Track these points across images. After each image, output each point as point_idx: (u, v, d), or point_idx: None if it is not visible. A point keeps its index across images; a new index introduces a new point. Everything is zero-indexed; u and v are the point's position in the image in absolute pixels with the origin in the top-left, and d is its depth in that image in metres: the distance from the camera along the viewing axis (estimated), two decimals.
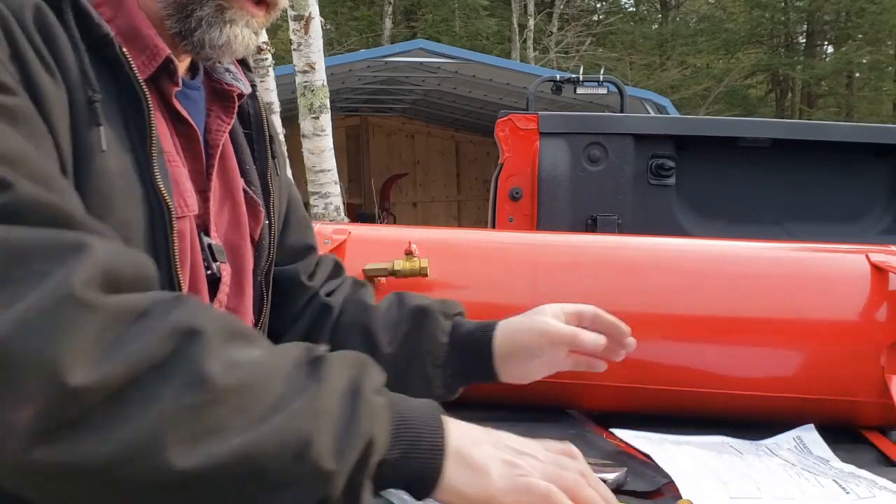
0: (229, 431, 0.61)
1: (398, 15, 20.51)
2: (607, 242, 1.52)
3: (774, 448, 1.17)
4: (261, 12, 0.90)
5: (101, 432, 0.58)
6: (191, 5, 0.85)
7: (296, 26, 5.39)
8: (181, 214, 0.86)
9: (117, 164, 0.78)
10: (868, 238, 2.10)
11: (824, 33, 22.77)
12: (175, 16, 0.86)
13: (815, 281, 1.35)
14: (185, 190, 0.88)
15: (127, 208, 0.78)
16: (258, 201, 1.02)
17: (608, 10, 23.77)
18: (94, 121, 0.76)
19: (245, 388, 0.63)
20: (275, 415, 0.63)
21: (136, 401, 0.59)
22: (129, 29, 0.83)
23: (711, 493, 0.95)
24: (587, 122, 2.22)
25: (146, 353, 0.60)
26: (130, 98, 0.80)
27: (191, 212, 0.89)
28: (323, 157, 5.57)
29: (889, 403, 1.26)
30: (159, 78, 0.86)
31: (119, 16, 0.84)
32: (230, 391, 0.62)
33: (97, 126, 0.76)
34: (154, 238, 0.81)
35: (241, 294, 0.99)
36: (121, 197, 0.78)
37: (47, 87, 0.72)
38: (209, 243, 0.92)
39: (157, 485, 0.59)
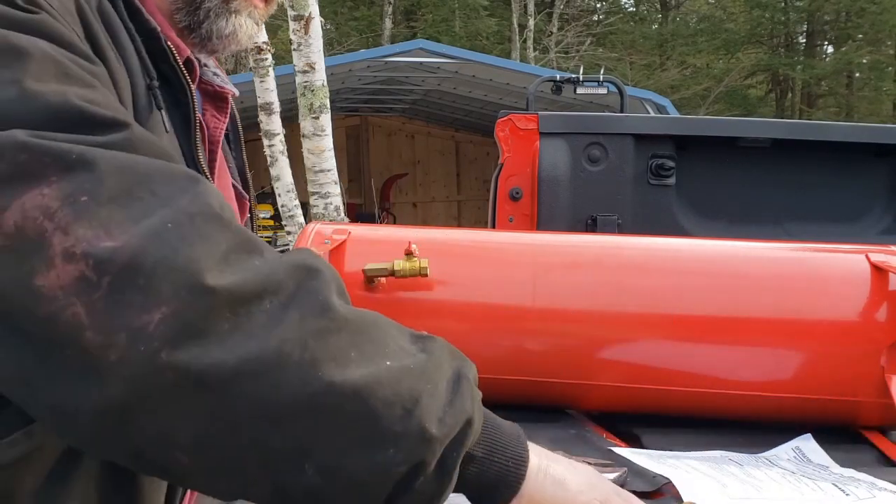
0: (349, 363, 0.61)
1: (398, 15, 20.52)
2: (607, 242, 1.52)
3: (774, 459, 1.17)
4: (262, 4, 0.95)
5: (228, 343, 0.59)
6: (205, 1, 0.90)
7: (296, 26, 5.39)
8: None
9: (174, 147, 0.83)
10: (868, 238, 2.10)
11: (824, 33, 22.77)
12: (184, 9, 0.91)
13: (815, 281, 1.35)
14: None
15: None
16: (244, 195, 1.09)
17: (608, 10, 23.78)
18: (156, 105, 0.80)
19: (364, 329, 0.64)
20: (391, 363, 0.64)
21: (262, 319, 0.60)
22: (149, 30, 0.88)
23: (711, 495, 0.95)
24: (587, 122, 2.21)
25: (274, 276, 0.62)
26: (175, 89, 0.85)
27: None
28: (323, 157, 5.57)
29: (889, 403, 1.26)
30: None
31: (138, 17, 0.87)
32: (351, 325, 0.63)
33: (159, 109, 0.81)
34: None
35: None
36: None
37: (116, 69, 0.75)
38: None
39: (272, 408, 0.59)
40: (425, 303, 1.35)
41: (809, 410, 1.33)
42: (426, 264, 1.31)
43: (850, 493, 0.98)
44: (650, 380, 1.34)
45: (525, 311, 1.34)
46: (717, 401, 1.34)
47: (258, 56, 6.14)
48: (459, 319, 1.36)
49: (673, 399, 1.35)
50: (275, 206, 7.63)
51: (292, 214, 6.42)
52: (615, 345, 1.35)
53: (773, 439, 1.26)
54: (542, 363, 1.35)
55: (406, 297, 1.35)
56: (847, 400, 1.31)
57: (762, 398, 1.32)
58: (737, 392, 1.32)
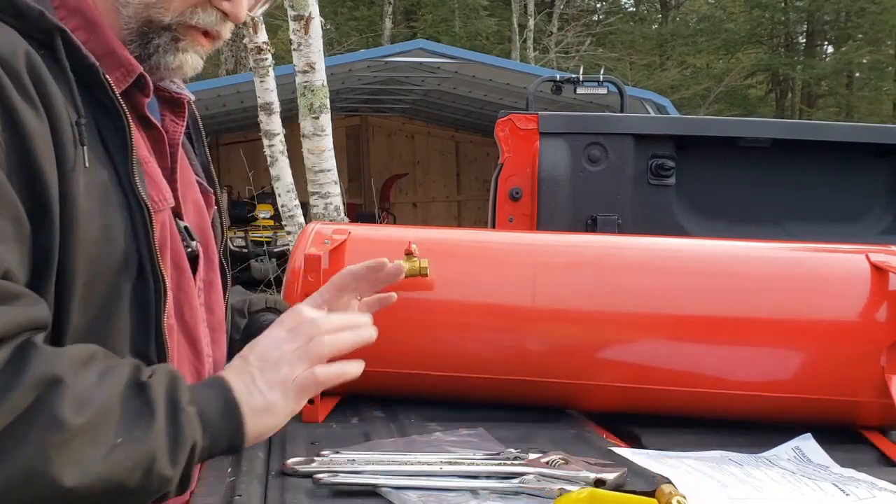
0: (90, 460, 0.77)
1: (398, 15, 20.51)
2: (607, 242, 1.52)
3: (774, 459, 1.17)
4: (208, 42, 1.04)
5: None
6: (150, 34, 0.99)
7: (296, 26, 5.39)
8: (161, 208, 0.99)
9: (100, 177, 0.91)
10: (868, 238, 2.10)
11: (824, 33, 22.76)
12: (136, 42, 1.00)
13: (815, 281, 1.35)
14: (163, 187, 1.02)
15: (111, 214, 0.91)
16: (209, 190, 1.18)
17: (608, 10, 23.77)
18: (81, 141, 0.89)
19: (95, 423, 0.78)
20: (123, 442, 0.79)
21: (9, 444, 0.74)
22: (104, 50, 0.96)
23: (711, 494, 0.95)
24: (587, 122, 2.21)
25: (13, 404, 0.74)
26: (112, 117, 0.93)
27: (169, 204, 1.02)
28: (323, 157, 5.57)
29: (889, 403, 1.26)
30: (132, 91, 0.99)
31: (93, 38, 0.96)
32: (83, 428, 0.77)
33: (81, 146, 0.89)
34: (136, 236, 0.93)
35: (212, 269, 1.15)
36: (101, 204, 0.90)
37: (31, 125, 0.84)
38: (185, 226, 1.06)
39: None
40: (425, 303, 1.35)
41: (809, 410, 1.33)
42: (426, 264, 1.31)
43: (850, 493, 0.98)
44: (650, 380, 1.34)
45: (525, 311, 1.34)
46: (718, 401, 1.34)
47: (258, 56, 6.14)
48: (460, 319, 1.36)
49: (673, 399, 1.35)
50: (275, 206, 7.63)
51: (292, 214, 6.42)
52: (615, 345, 1.35)
53: (773, 439, 1.26)
54: (542, 363, 1.35)
55: (406, 297, 1.35)
56: (847, 400, 1.31)
57: (762, 398, 1.32)
58: (737, 392, 1.32)
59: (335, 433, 1.24)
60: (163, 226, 1.00)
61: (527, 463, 1.01)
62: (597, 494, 0.90)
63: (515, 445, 1.10)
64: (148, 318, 0.95)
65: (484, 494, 0.95)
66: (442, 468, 1.00)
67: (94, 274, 0.89)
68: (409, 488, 0.96)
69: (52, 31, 0.90)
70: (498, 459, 1.03)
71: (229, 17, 1.02)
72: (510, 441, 1.16)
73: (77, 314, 0.89)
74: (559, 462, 1.01)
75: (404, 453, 1.07)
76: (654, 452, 1.17)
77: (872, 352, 1.29)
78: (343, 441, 1.18)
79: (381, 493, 0.95)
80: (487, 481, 0.98)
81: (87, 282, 0.89)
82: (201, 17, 1.00)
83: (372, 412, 1.35)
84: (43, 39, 0.90)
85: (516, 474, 0.99)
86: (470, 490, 0.96)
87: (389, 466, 1.00)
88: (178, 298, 1.03)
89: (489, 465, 1.01)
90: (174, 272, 1.03)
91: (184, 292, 1.05)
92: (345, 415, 1.34)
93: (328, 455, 1.06)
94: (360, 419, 1.32)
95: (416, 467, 1.00)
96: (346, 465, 1.02)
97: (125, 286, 0.93)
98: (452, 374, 1.35)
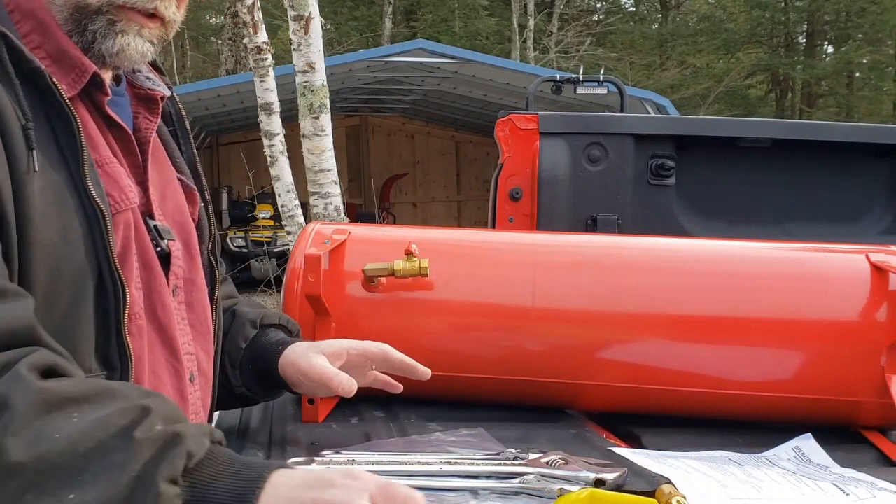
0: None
1: (398, 15, 20.51)
2: (607, 242, 1.52)
3: (774, 459, 1.17)
4: (154, 24, 1.00)
5: None
6: (84, 20, 0.96)
7: (296, 26, 5.39)
8: (122, 209, 0.98)
9: (52, 180, 0.90)
10: (868, 238, 2.10)
11: (824, 33, 22.76)
12: (74, 31, 0.97)
13: (815, 281, 1.35)
14: (125, 186, 1.00)
15: (65, 217, 0.90)
16: (192, 187, 1.16)
17: (608, 10, 23.76)
18: (28, 146, 0.87)
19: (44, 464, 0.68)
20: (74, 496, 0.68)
21: None
22: (57, 51, 0.95)
23: (710, 494, 0.95)
24: (587, 122, 2.21)
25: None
26: (62, 120, 0.92)
27: (132, 204, 1.00)
28: (323, 157, 5.57)
29: (889, 403, 1.26)
30: (90, 91, 0.98)
31: (46, 41, 0.95)
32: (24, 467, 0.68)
33: (30, 150, 0.87)
34: (93, 238, 0.92)
35: (194, 266, 1.13)
36: (58, 208, 0.89)
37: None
38: (154, 225, 1.04)
39: None
40: (425, 303, 1.35)
41: (809, 410, 1.33)
42: (426, 264, 1.31)
43: (851, 493, 0.98)
44: (650, 380, 1.34)
45: (525, 311, 1.34)
46: (718, 401, 1.34)
47: (258, 56, 6.14)
48: (459, 319, 1.36)
49: (673, 399, 1.35)
50: (275, 206, 7.63)
51: (292, 214, 6.42)
52: (615, 345, 1.35)
53: (773, 439, 1.26)
54: (542, 363, 1.35)
55: (406, 297, 1.35)
56: (847, 400, 1.31)
57: (762, 398, 1.32)
58: (737, 392, 1.32)
59: (335, 433, 1.24)
60: (126, 226, 0.98)
61: (527, 463, 1.01)
62: (597, 494, 0.90)
63: (515, 445, 1.10)
64: (108, 321, 0.94)
65: (484, 494, 0.95)
66: (442, 468, 1.00)
67: (56, 278, 0.89)
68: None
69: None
70: (498, 459, 1.03)
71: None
72: (510, 441, 1.16)
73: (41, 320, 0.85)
74: (559, 462, 1.01)
75: (404, 453, 1.07)
76: (654, 452, 1.17)
77: (872, 352, 1.29)
78: (343, 441, 1.18)
79: None
80: (487, 481, 0.98)
81: (49, 286, 0.88)
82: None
83: (372, 412, 1.35)
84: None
85: (516, 474, 0.99)
86: (470, 490, 0.96)
87: (389, 466, 1.00)
88: (149, 298, 1.03)
89: (489, 465, 1.01)
90: (143, 272, 1.01)
91: (155, 292, 1.04)
92: (345, 415, 1.34)
93: (328, 455, 1.06)
94: (360, 419, 1.32)
95: (416, 467, 1.00)
96: (346, 466, 1.01)
97: (87, 290, 0.92)
98: (452, 374, 1.35)
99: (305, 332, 1.33)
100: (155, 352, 1.04)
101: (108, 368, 0.95)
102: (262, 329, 1.27)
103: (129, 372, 0.96)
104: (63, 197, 0.91)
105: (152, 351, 1.03)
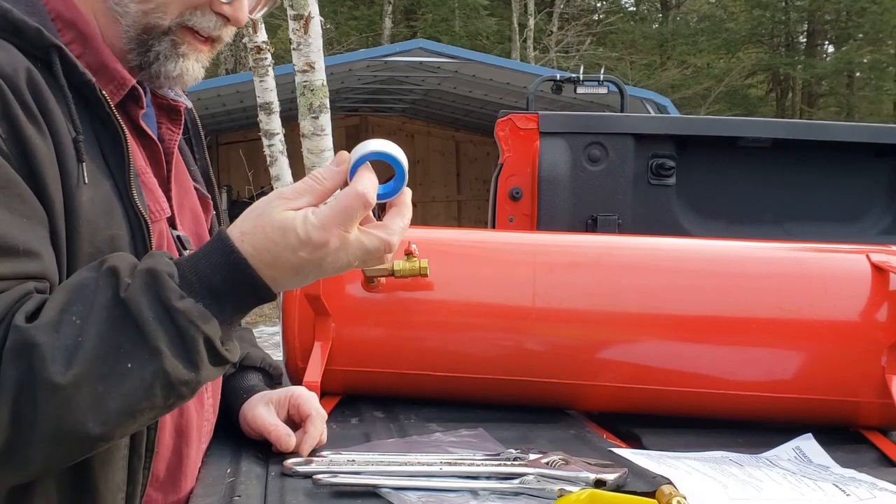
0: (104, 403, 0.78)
1: (398, 14, 20.51)
2: (607, 242, 1.52)
3: (774, 459, 1.17)
4: (207, 48, 1.04)
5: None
6: (150, 41, 0.99)
7: (295, 26, 5.39)
8: (157, 219, 1.00)
9: (100, 191, 0.92)
10: (868, 238, 2.10)
11: (825, 33, 22.76)
12: (136, 50, 0.99)
13: (815, 281, 1.35)
14: (159, 196, 1.03)
15: (111, 226, 0.93)
16: (207, 196, 1.18)
17: (608, 10, 23.77)
18: (78, 158, 0.90)
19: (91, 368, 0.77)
20: (130, 371, 0.78)
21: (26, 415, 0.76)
22: (97, 63, 0.96)
23: (711, 494, 0.95)
24: (587, 122, 2.21)
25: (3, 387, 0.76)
26: (110, 132, 0.94)
27: (165, 215, 1.03)
28: (323, 157, 5.57)
29: (889, 403, 1.26)
30: (126, 103, 1.00)
31: (87, 52, 0.96)
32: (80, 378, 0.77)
33: (80, 162, 0.90)
34: (136, 246, 0.94)
35: None
36: (105, 218, 0.92)
37: (35, 141, 0.86)
38: (178, 235, 1.06)
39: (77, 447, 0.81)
40: (425, 303, 1.35)
41: (809, 410, 1.32)
42: (426, 264, 1.31)
43: (851, 494, 0.98)
44: (650, 380, 1.33)
45: (525, 311, 1.34)
46: (718, 401, 1.34)
47: (258, 56, 6.14)
48: (459, 319, 1.36)
49: (673, 399, 1.35)
50: None
51: None
52: (615, 345, 1.35)
53: (773, 439, 1.26)
54: (542, 363, 1.35)
55: (406, 297, 1.35)
56: (847, 400, 1.31)
57: (762, 398, 1.32)
58: (737, 392, 1.32)
59: (335, 433, 1.24)
60: (160, 236, 1.00)
61: (527, 463, 1.01)
62: (597, 495, 0.89)
63: (515, 446, 1.10)
64: None
65: (484, 495, 0.95)
66: (442, 469, 1.00)
67: None
68: (408, 489, 0.96)
69: (50, 48, 0.90)
70: (498, 460, 1.03)
71: (230, 20, 1.01)
72: (510, 441, 1.16)
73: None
74: (559, 463, 1.01)
75: (404, 454, 1.07)
76: (654, 453, 1.17)
77: (872, 352, 1.29)
78: (343, 441, 1.18)
79: (381, 494, 0.95)
80: (487, 482, 0.98)
81: None
82: (200, 20, 0.99)
83: (372, 412, 1.35)
84: (41, 56, 0.90)
85: (516, 475, 0.99)
86: (470, 491, 0.96)
87: (389, 467, 1.00)
88: None
89: (489, 466, 1.01)
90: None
91: None
92: (345, 415, 1.34)
93: (328, 455, 1.06)
94: (360, 419, 1.32)
95: (416, 468, 1.00)
96: (345, 466, 1.01)
97: None
98: (452, 375, 1.35)
99: (305, 332, 1.33)
100: None
101: None
102: (240, 370, 1.24)
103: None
104: (111, 206, 0.93)
105: None
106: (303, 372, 1.31)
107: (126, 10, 0.97)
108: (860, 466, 1.15)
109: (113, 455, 0.93)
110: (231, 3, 0.99)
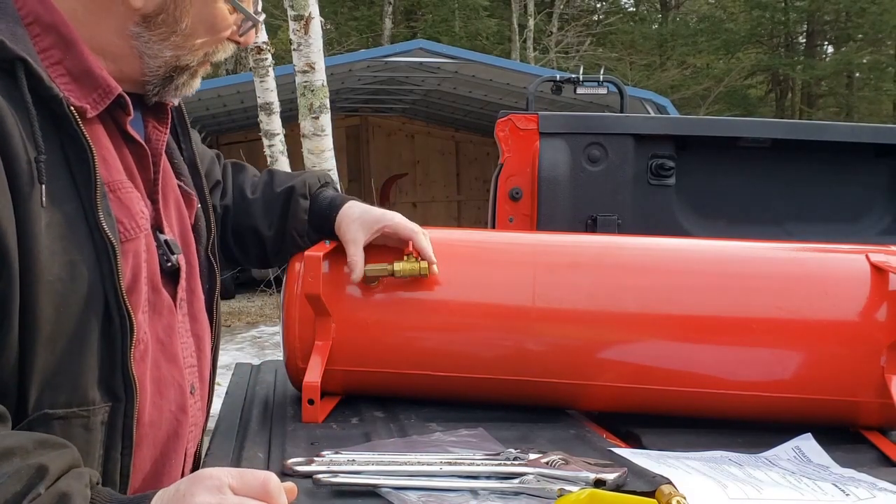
0: None
1: (398, 15, 20.51)
2: (607, 242, 1.52)
3: (774, 459, 1.17)
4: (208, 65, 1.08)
5: None
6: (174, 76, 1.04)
7: (296, 26, 5.40)
8: (133, 236, 0.97)
9: (60, 213, 0.88)
10: (868, 238, 2.10)
11: (824, 33, 22.76)
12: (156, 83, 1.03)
13: (815, 281, 1.35)
14: (137, 213, 0.99)
15: (71, 251, 0.89)
16: (191, 191, 1.17)
17: (608, 10, 23.77)
18: (39, 178, 0.85)
19: None
20: None
21: None
22: (80, 69, 0.94)
23: (710, 494, 0.95)
24: (587, 122, 2.21)
25: None
26: (77, 148, 0.91)
27: (143, 231, 0.99)
28: (323, 157, 5.57)
29: (889, 403, 1.26)
30: (113, 110, 0.98)
31: (68, 57, 0.93)
32: None
33: (40, 184, 0.86)
34: (101, 270, 0.91)
35: (193, 275, 1.14)
36: (64, 242, 0.88)
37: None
38: (165, 239, 1.05)
39: None
40: (425, 303, 1.35)
41: (809, 410, 1.32)
42: (426, 265, 1.31)
43: (850, 494, 0.98)
44: (650, 380, 1.33)
45: (525, 311, 1.34)
46: (718, 401, 1.34)
47: (258, 56, 6.14)
48: (459, 319, 1.36)
49: (673, 399, 1.35)
50: None
51: None
52: (615, 345, 1.35)
53: (773, 439, 1.26)
54: (542, 363, 1.35)
55: (406, 297, 1.35)
56: (847, 400, 1.31)
57: (762, 398, 1.32)
58: (737, 392, 1.32)
59: (335, 433, 1.24)
60: (136, 254, 0.98)
61: (527, 463, 1.01)
62: (597, 495, 0.89)
63: (515, 445, 1.10)
64: (114, 353, 0.93)
65: (484, 495, 0.95)
66: (442, 468, 1.00)
67: (61, 312, 0.88)
68: (409, 489, 0.96)
69: (14, 60, 0.87)
70: (498, 460, 1.03)
71: (240, 45, 1.08)
72: (510, 441, 1.16)
73: (44, 355, 0.87)
74: (559, 462, 1.01)
75: (404, 453, 1.07)
76: (654, 452, 1.17)
77: (872, 352, 1.29)
78: (343, 441, 1.18)
79: (381, 494, 0.95)
80: (487, 482, 0.98)
81: (54, 321, 0.87)
82: (221, 53, 1.06)
83: (372, 412, 1.35)
84: (7, 68, 0.87)
85: (516, 474, 0.99)
86: (470, 490, 0.96)
87: (389, 467, 1.00)
88: (155, 321, 1.03)
89: (489, 466, 1.01)
90: (151, 294, 1.02)
91: (162, 314, 1.04)
92: (345, 415, 1.34)
93: (328, 455, 1.06)
94: (360, 419, 1.32)
95: (416, 467, 1.00)
96: (346, 466, 1.01)
97: (93, 322, 0.91)
98: (452, 375, 1.35)
99: (306, 332, 1.33)
100: (160, 369, 1.04)
101: (113, 399, 0.95)
102: (312, 197, 1.38)
103: (134, 402, 0.96)
104: (71, 230, 0.90)
105: (157, 369, 1.03)
106: (303, 372, 1.31)
107: (157, 55, 1.00)
108: (860, 466, 1.15)
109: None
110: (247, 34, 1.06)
